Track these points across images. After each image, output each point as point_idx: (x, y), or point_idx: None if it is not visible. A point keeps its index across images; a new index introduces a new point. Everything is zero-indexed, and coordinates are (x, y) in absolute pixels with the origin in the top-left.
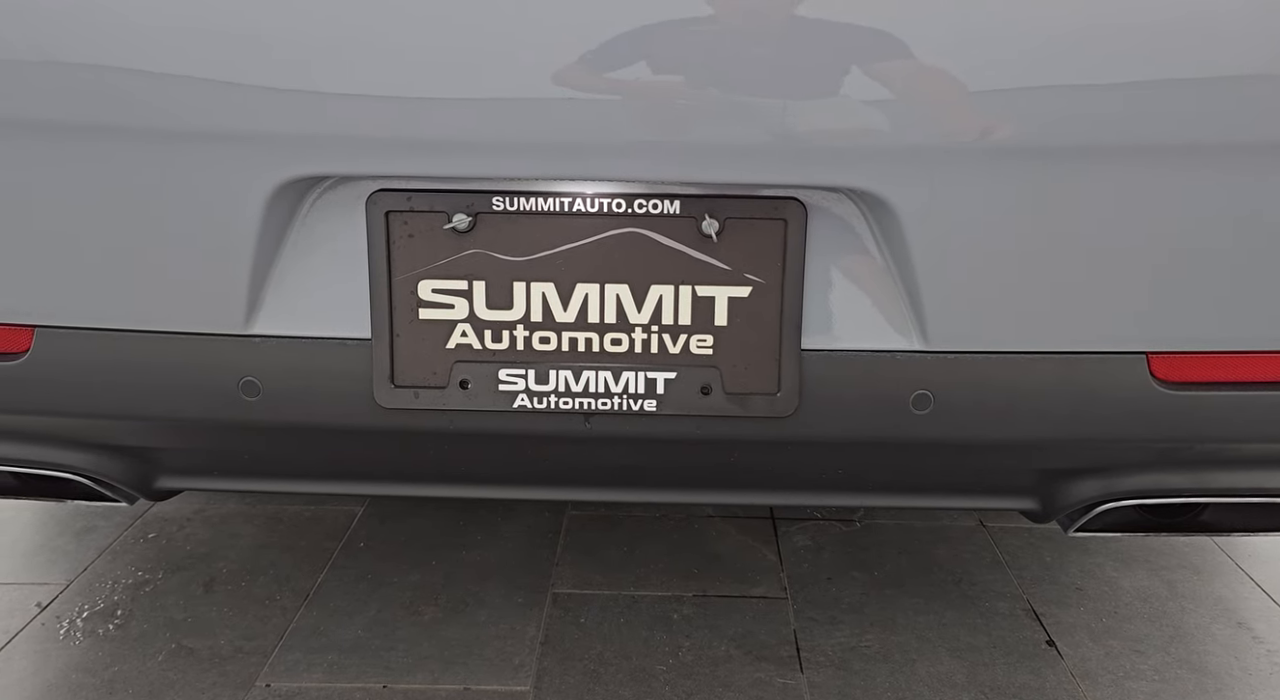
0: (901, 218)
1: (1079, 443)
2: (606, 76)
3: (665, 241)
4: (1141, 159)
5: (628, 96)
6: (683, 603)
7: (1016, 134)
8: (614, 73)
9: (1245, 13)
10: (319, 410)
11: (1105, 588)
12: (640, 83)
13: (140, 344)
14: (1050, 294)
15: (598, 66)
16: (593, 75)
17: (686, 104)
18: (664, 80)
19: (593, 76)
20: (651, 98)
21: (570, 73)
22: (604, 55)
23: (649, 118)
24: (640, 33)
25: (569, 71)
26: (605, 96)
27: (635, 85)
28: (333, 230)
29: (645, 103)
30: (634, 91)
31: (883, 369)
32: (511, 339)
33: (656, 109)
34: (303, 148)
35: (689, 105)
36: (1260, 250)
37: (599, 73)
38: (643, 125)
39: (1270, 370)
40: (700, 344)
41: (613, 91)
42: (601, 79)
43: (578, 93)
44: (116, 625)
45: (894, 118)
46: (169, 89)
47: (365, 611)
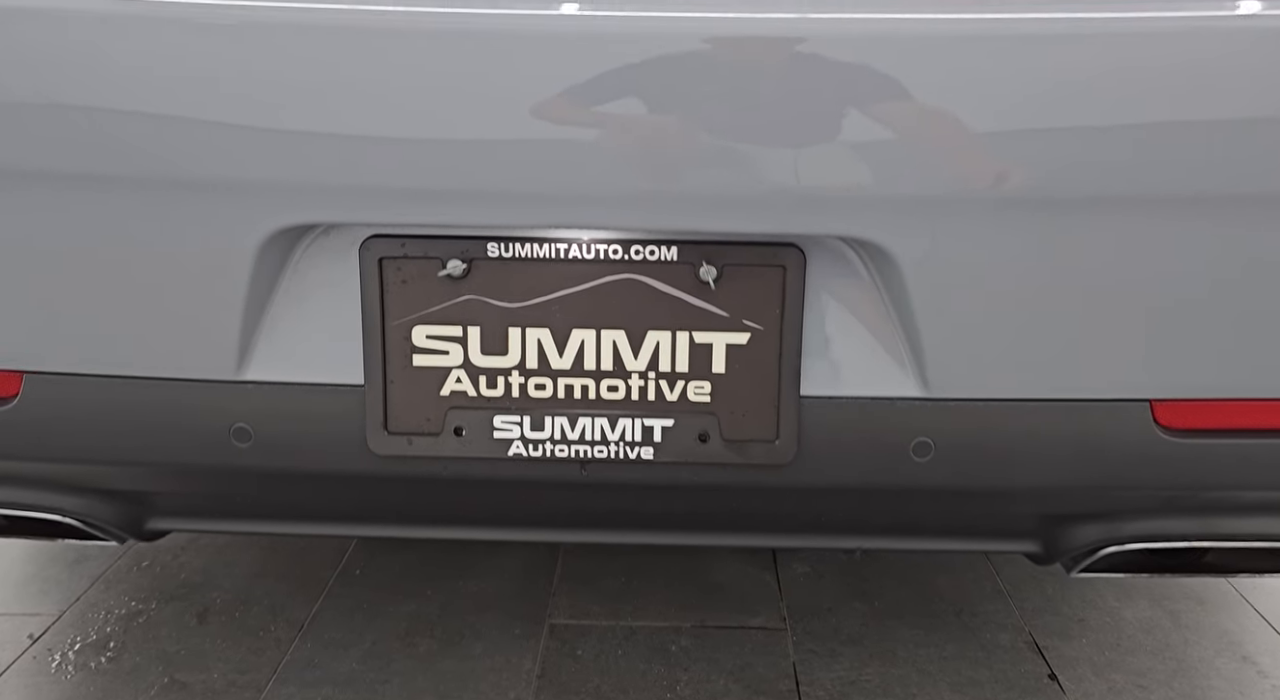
0: (901, 265)
1: (1082, 489)
2: (602, 126)
3: (662, 288)
4: (1144, 209)
5: (624, 146)
6: (681, 634)
7: (1018, 184)
8: (610, 122)
9: (1252, 62)
10: (311, 457)
11: (1108, 619)
12: (637, 132)
13: (130, 390)
14: (1053, 342)
15: (593, 115)
16: (589, 124)
17: (683, 153)
18: (661, 129)
19: (589, 125)
20: (648, 147)
21: (566, 122)
22: (600, 104)
23: (646, 167)
24: (637, 82)
25: (565, 120)
26: (601, 146)
27: (632, 135)
28: (325, 276)
29: (642, 152)
30: (630, 141)
31: (882, 416)
32: (507, 385)
33: (653, 158)
34: (295, 196)
35: (686, 155)
36: (1264, 299)
37: (595, 122)
38: (639, 175)
39: (1275, 418)
40: (698, 391)
41: (609, 141)
42: (597, 128)
43: (574, 142)
44: (109, 658)
45: (893, 167)
46: (160, 137)
47: (360, 643)
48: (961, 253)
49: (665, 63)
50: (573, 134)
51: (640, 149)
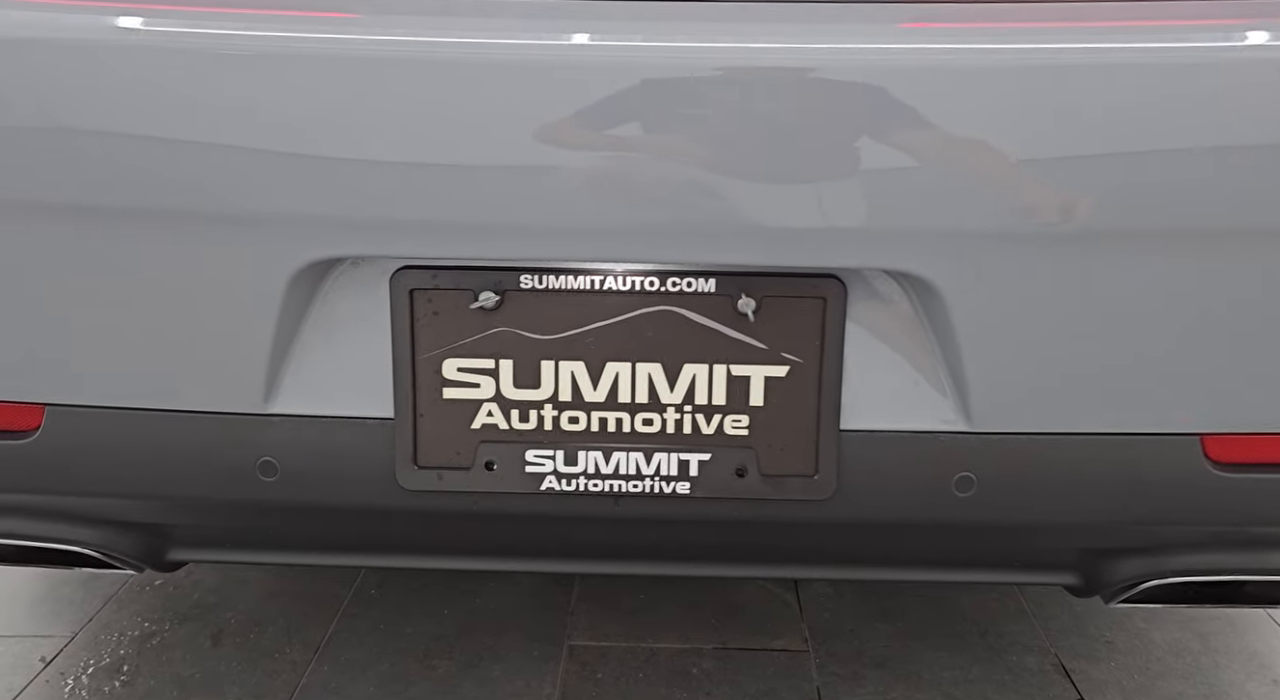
0: (945, 297)
1: (1128, 524)
2: (638, 157)
3: (699, 320)
4: (1194, 241)
5: (661, 178)
6: (702, 656)
7: (1063, 216)
8: (646, 153)
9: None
10: (338, 491)
11: (1136, 641)
12: (674, 163)
13: (154, 423)
14: (1100, 375)
15: (630, 147)
16: (624, 156)
17: (722, 185)
18: (698, 161)
19: (624, 157)
20: (685, 179)
21: (602, 155)
22: (636, 135)
23: (683, 199)
24: (674, 113)
25: (600, 154)
26: (637, 178)
27: (668, 166)
28: (355, 308)
29: (679, 184)
30: (667, 173)
31: (924, 450)
32: (539, 419)
33: (691, 190)
34: (326, 230)
35: (724, 186)
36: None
37: (631, 153)
38: (676, 207)
39: None
40: (735, 424)
41: (645, 173)
42: (634, 159)
43: (609, 175)
44: (123, 682)
45: (937, 199)
46: (189, 170)
47: (378, 665)
48: (1006, 285)
49: (704, 93)
50: (608, 165)
51: (677, 181)
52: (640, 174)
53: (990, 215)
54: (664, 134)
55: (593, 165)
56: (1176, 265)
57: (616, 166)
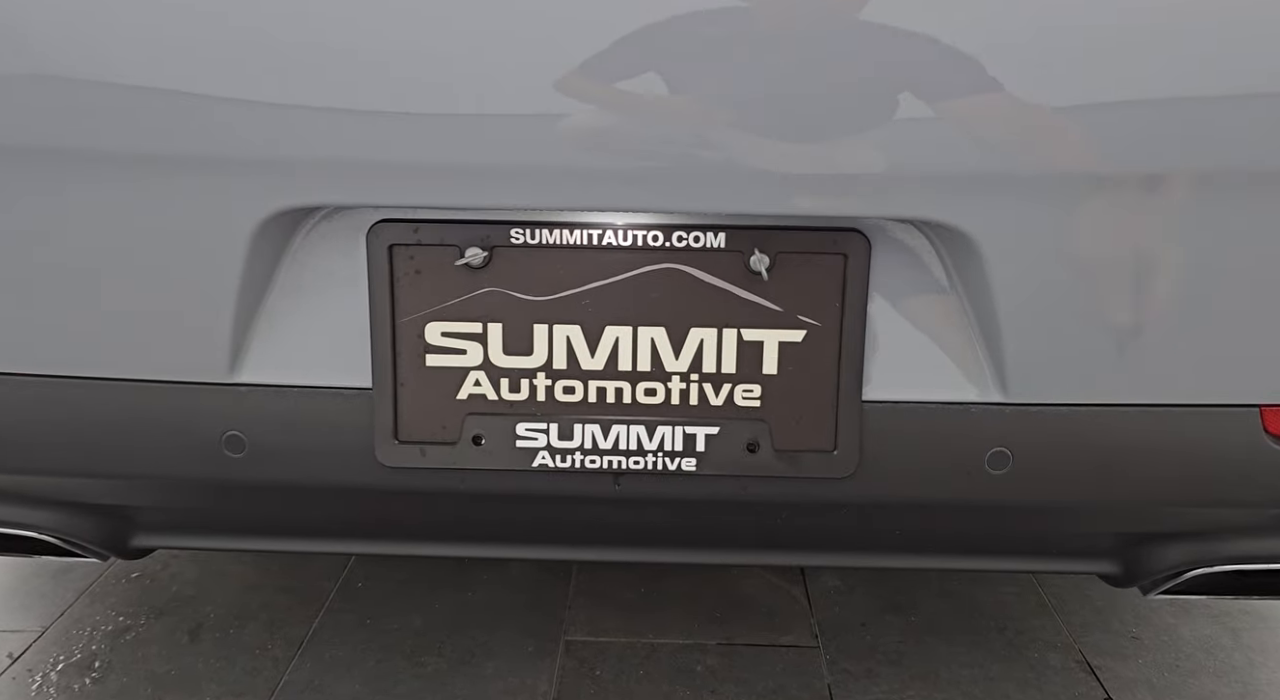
0: (982, 252)
1: (1176, 505)
2: (642, 92)
3: (708, 279)
4: (1263, 187)
5: (667, 116)
6: (707, 652)
7: (1116, 158)
8: (651, 88)
9: None
10: (312, 469)
11: (1164, 637)
12: (681, 100)
13: (110, 394)
14: (1151, 340)
15: (632, 80)
16: (627, 90)
17: (732, 125)
18: (708, 97)
19: (627, 92)
20: (692, 118)
21: (601, 88)
22: (639, 67)
23: (689, 141)
24: (682, 43)
25: (600, 86)
26: (640, 116)
27: (675, 103)
28: (329, 266)
29: (687, 123)
30: (674, 110)
31: (955, 423)
32: (531, 389)
33: (699, 130)
34: (294, 175)
35: (735, 127)
36: None
37: (634, 87)
38: (684, 149)
39: None
40: (747, 395)
41: (650, 110)
42: (637, 95)
43: (610, 111)
44: (94, 679)
45: (973, 139)
46: (141, 107)
47: (364, 662)
48: (1049, 238)
49: (713, 20)
50: (607, 102)
51: (683, 120)
52: (643, 110)
53: (1032, 158)
54: (670, 66)
55: (591, 102)
56: (1238, 218)
57: (617, 103)
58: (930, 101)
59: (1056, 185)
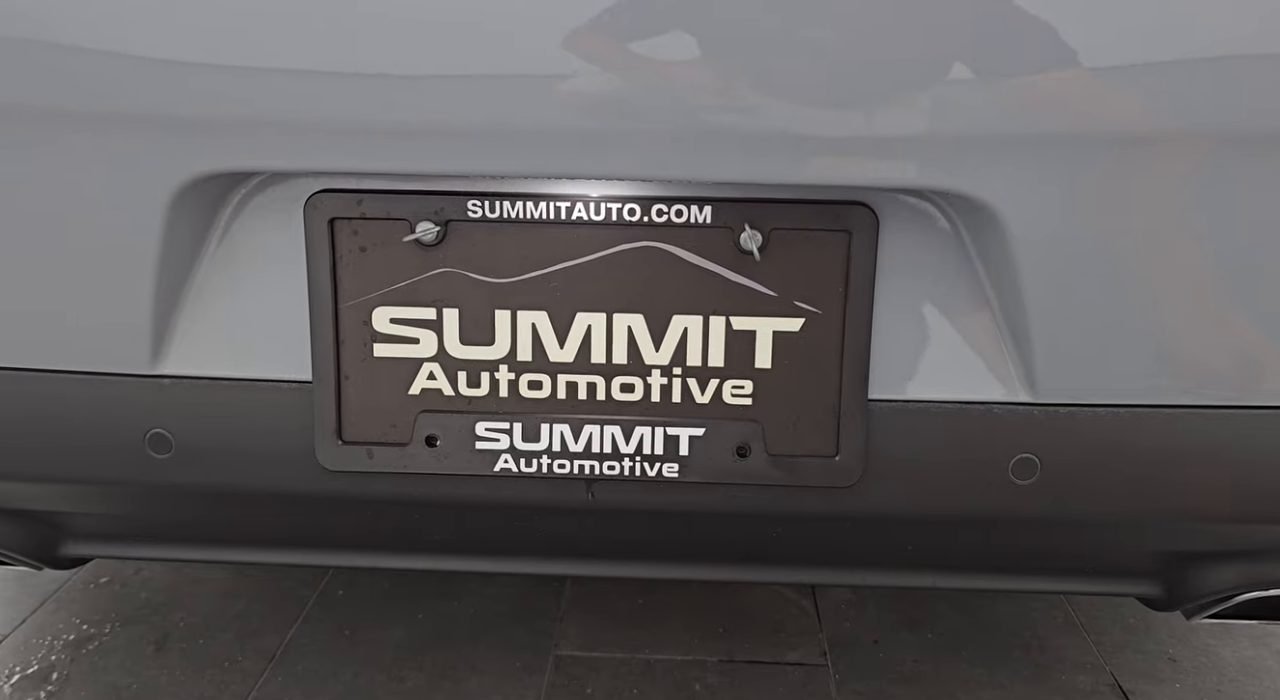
0: (1008, 229)
1: (1228, 520)
2: (618, 42)
3: (692, 259)
4: None
5: (646, 69)
6: (706, 670)
7: (1169, 119)
8: (628, 37)
9: None
10: (247, 472)
11: (1203, 659)
12: (662, 50)
13: (18, 385)
14: (1203, 332)
15: (607, 28)
16: (600, 40)
17: (721, 78)
18: (692, 46)
19: (600, 42)
20: (677, 71)
21: (571, 38)
22: (614, 13)
23: (674, 97)
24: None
25: (565, 34)
26: (616, 68)
27: (655, 54)
28: (262, 242)
29: (669, 77)
30: (653, 62)
31: (974, 427)
32: (493, 383)
33: (682, 84)
34: (217, 135)
35: (724, 80)
36: None
37: (608, 37)
38: (666, 107)
39: None
40: (736, 392)
41: (626, 62)
42: (612, 46)
43: (580, 64)
44: (50, 692)
45: (1000, 95)
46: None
47: (340, 677)
48: (1086, 211)
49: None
50: (578, 54)
51: (664, 73)
52: (619, 63)
53: (1065, 116)
54: (649, 12)
55: (559, 53)
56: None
57: (589, 54)
58: (945, 50)
59: (1094, 148)
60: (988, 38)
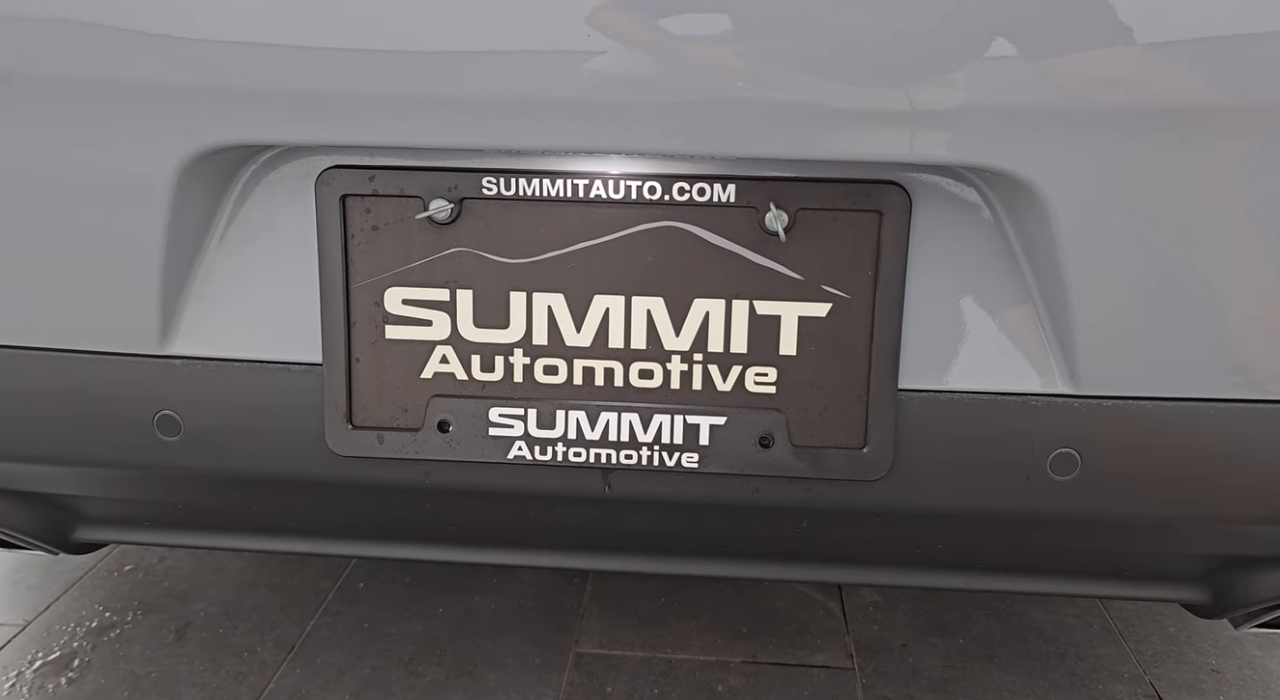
0: (1050, 209)
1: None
2: (639, 11)
3: (714, 240)
4: None
5: (668, 39)
6: (729, 671)
7: (1222, 92)
8: (649, 6)
9: None
10: (255, 456)
11: (1250, 672)
12: (685, 21)
13: (27, 365)
14: (1257, 321)
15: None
16: (620, 9)
17: (745, 48)
18: (715, 14)
19: (620, 11)
20: (700, 42)
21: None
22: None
23: (697, 68)
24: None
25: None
26: (636, 39)
27: (678, 24)
28: (272, 220)
29: (692, 48)
30: (677, 33)
31: (1011, 419)
32: (507, 368)
33: (707, 56)
34: (225, 106)
35: (748, 50)
36: None
37: (628, 6)
38: (688, 79)
39: None
40: (760, 380)
41: (647, 32)
42: (632, 15)
43: (599, 33)
44: (70, 679)
45: (1042, 66)
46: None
47: (357, 670)
48: (1133, 190)
49: None
50: (596, 21)
51: (685, 42)
52: (639, 30)
53: (1112, 88)
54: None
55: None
56: None
57: (608, 21)
58: (982, 18)
59: (1143, 123)
60: (1028, 3)
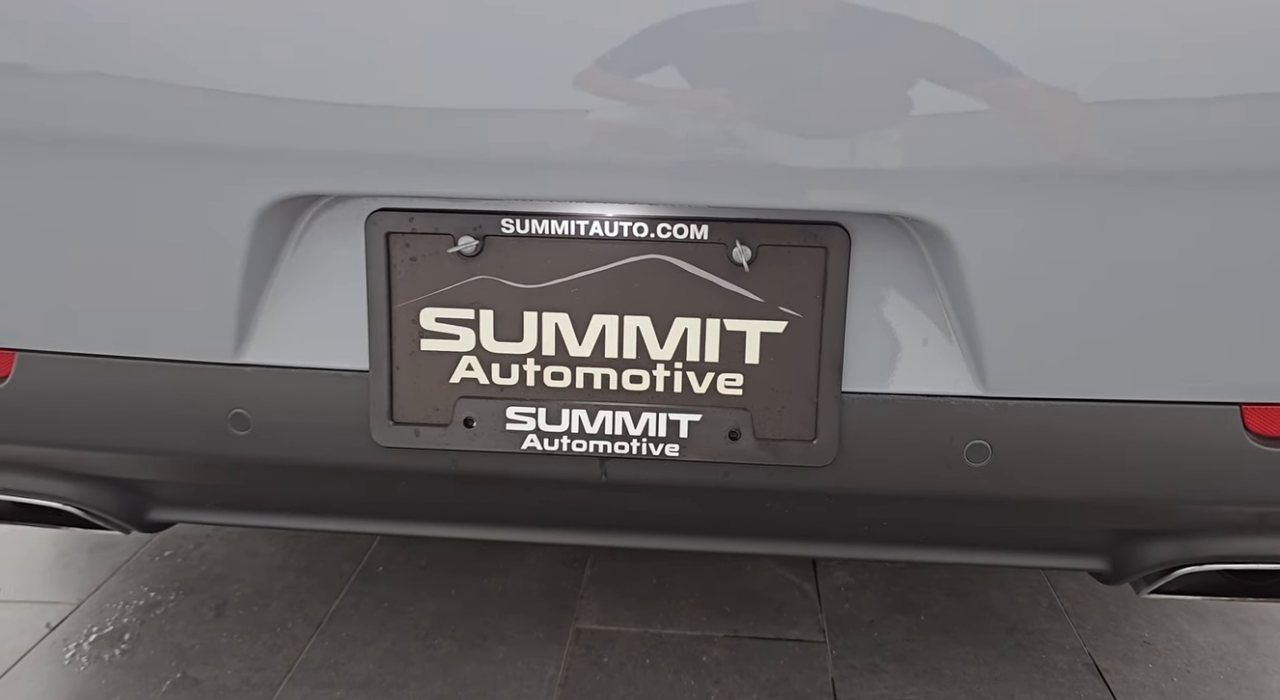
0: (959, 247)
1: (1158, 502)
2: (627, 87)
3: (691, 270)
4: (1243, 186)
5: (651, 110)
6: (713, 644)
7: (1096, 157)
8: (635, 83)
9: None
10: (312, 447)
11: (1177, 643)
12: (665, 95)
13: (124, 371)
14: (1130, 337)
15: (617, 76)
16: (612, 86)
17: (715, 120)
18: (692, 92)
19: (612, 87)
20: (678, 112)
21: (587, 83)
22: (624, 63)
23: (675, 134)
24: (665, 39)
25: (586, 82)
26: (626, 110)
27: (659, 97)
28: (329, 252)
29: (671, 117)
30: (658, 105)
31: (934, 416)
32: (521, 374)
33: (683, 124)
34: (295, 164)
35: (718, 121)
36: None
37: (618, 83)
38: (666, 143)
39: None
40: (729, 384)
41: (634, 104)
42: (621, 90)
43: (596, 106)
44: (123, 650)
45: (951, 135)
46: (151, 98)
47: (379, 642)
48: (1027, 233)
49: (692, 20)
50: (594, 97)
51: (667, 114)
52: (629, 106)
53: (1009, 154)
54: (654, 60)
55: (578, 99)
56: (1220, 214)
57: (604, 99)
58: (909, 99)
59: (1032, 181)
60: (941, 91)
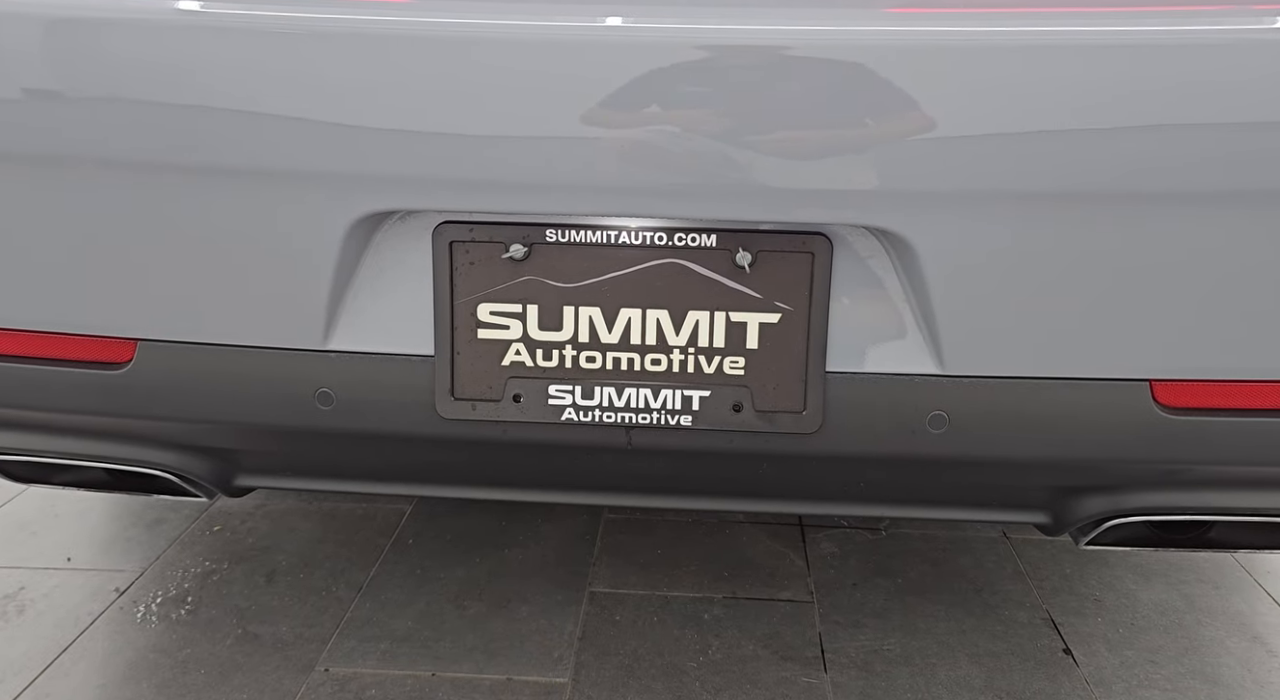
0: (920, 254)
1: (1085, 463)
2: (652, 124)
3: (702, 271)
4: (1146, 203)
5: (669, 143)
6: (713, 604)
7: (1028, 181)
8: (658, 121)
9: (1251, 72)
10: (386, 419)
11: (1124, 600)
12: (681, 130)
13: (229, 357)
14: (1059, 325)
15: (644, 115)
16: (639, 123)
17: (722, 150)
18: (701, 128)
19: (639, 124)
20: (690, 144)
21: (619, 121)
22: (647, 105)
23: (688, 162)
24: (681, 90)
25: (618, 119)
26: (650, 142)
27: (677, 132)
28: (402, 257)
29: (685, 149)
30: (674, 139)
31: (901, 391)
32: (560, 358)
33: (695, 155)
34: (380, 186)
35: (724, 151)
36: (1259, 285)
37: (645, 121)
38: (682, 169)
39: (1270, 398)
40: (733, 365)
41: (657, 138)
42: (647, 126)
43: (626, 139)
44: (188, 611)
45: (912, 163)
46: (262, 133)
47: (415, 604)
48: (975, 242)
49: (706, 69)
50: (622, 132)
51: (683, 146)
52: (649, 138)
53: (957, 178)
54: (671, 103)
55: (608, 131)
56: (1129, 225)
57: (628, 132)
58: (879, 134)
59: (976, 200)
60: (904, 127)
